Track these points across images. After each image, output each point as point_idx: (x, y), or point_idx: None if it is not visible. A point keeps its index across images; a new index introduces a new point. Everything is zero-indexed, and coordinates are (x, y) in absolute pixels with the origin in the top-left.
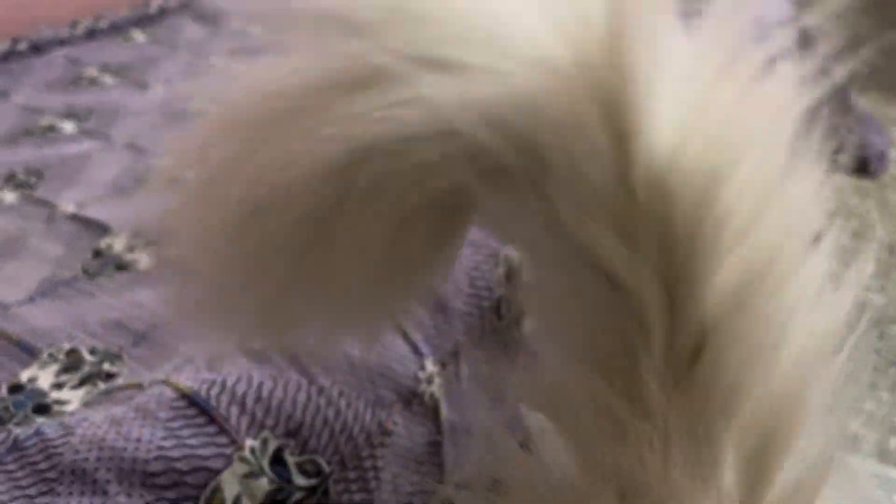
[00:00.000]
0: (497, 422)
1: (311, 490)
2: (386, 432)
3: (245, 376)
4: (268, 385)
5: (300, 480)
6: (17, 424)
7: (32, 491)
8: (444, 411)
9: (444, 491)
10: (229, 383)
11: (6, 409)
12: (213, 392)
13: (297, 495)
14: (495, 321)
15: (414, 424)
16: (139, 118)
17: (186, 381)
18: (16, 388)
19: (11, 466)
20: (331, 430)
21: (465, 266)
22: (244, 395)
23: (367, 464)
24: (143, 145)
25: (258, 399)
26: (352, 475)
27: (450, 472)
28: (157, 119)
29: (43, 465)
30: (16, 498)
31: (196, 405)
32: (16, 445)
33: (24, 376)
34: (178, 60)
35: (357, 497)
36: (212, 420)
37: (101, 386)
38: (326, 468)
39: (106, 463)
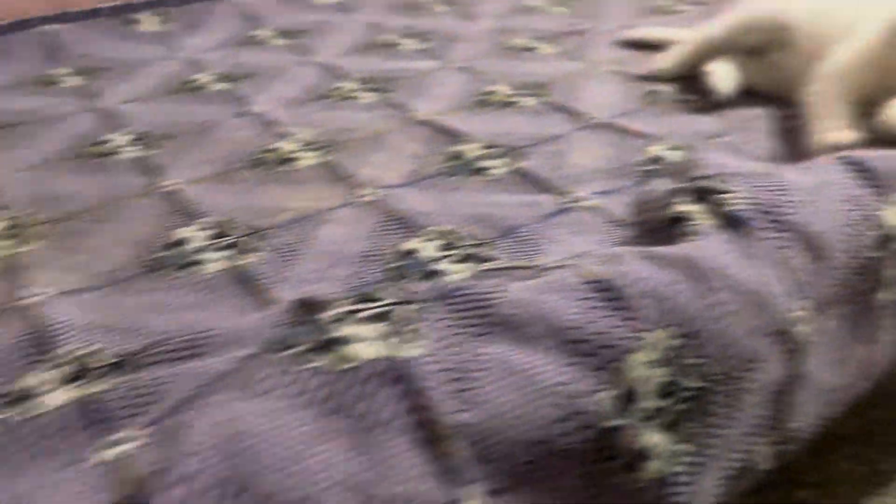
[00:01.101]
0: (838, 385)
1: (695, 394)
2: (758, 359)
3: (652, 274)
4: (674, 287)
5: (689, 382)
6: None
7: (474, 330)
8: (808, 356)
9: (780, 435)
10: (640, 275)
11: (399, 268)
12: (626, 280)
13: (683, 395)
14: (858, 282)
15: (780, 360)
16: (471, 45)
17: (596, 267)
18: (404, 254)
19: (457, 304)
20: (721, 343)
21: (840, 220)
22: (654, 290)
23: (739, 385)
24: (477, 69)
25: (666, 297)
26: (726, 390)
27: (792, 419)
28: (487, 48)
29: (482, 311)
30: (457, 333)
31: (610, 289)
32: (449, 291)
33: (407, 246)
34: None
35: (722, 412)
36: (624, 305)
37: (483, 266)
38: (712, 378)
39: (535, 322)
